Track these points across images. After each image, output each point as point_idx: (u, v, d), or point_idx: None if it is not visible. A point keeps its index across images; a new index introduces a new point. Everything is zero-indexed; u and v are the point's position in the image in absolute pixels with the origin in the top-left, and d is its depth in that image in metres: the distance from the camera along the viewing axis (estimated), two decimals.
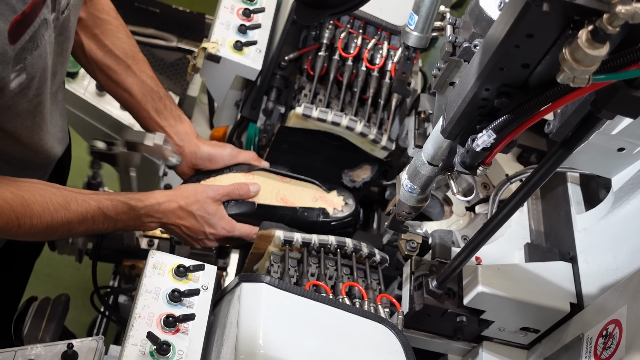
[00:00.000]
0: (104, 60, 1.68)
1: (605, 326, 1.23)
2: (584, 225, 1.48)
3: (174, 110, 1.75)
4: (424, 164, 1.27)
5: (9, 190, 1.33)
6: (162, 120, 1.72)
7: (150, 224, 1.61)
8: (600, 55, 0.79)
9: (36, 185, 1.41)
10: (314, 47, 1.86)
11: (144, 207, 1.57)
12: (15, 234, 1.38)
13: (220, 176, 1.73)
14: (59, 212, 1.41)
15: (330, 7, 1.28)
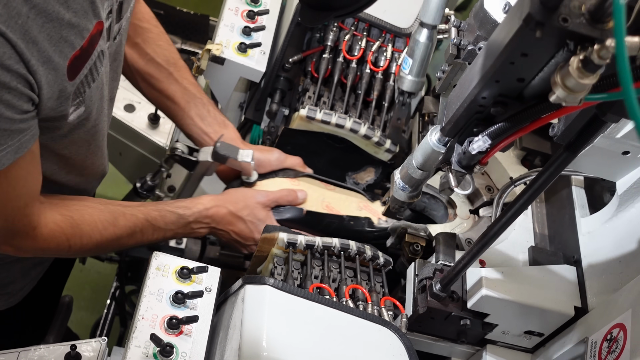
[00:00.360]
0: (146, 69, 1.68)
1: (610, 330, 1.23)
2: (589, 229, 1.47)
3: (218, 116, 1.74)
4: (415, 170, 1.33)
5: (59, 212, 1.35)
6: (206, 127, 1.71)
7: (199, 230, 1.61)
8: (590, 83, 0.81)
9: (84, 203, 1.43)
10: (318, 50, 1.86)
11: (192, 214, 1.57)
12: (66, 254, 1.42)
13: (266, 181, 1.72)
14: (107, 229, 1.43)
15: (335, 9, 1.28)
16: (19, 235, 1.30)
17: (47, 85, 1.11)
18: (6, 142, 1.11)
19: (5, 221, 1.25)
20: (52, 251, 1.39)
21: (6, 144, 1.12)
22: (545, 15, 0.80)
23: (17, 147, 1.14)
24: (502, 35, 0.90)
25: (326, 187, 1.74)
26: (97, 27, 1.17)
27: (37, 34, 1.04)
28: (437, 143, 1.28)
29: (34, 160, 1.23)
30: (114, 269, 2.11)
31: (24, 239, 1.31)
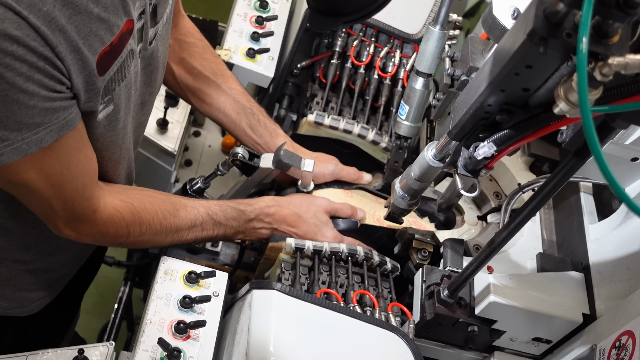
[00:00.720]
0: (195, 84, 1.69)
1: (619, 337, 1.22)
2: (597, 236, 1.47)
3: (268, 124, 1.74)
4: (414, 181, 1.40)
5: (119, 198, 1.35)
6: (257, 137, 1.72)
7: (261, 231, 1.59)
8: (593, 98, 0.81)
9: (145, 193, 1.43)
10: (327, 55, 1.87)
11: (253, 211, 1.56)
12: (124, 242, 1.41)
13: (321, 191, 1.73)
14: (167, 219, 1.43)
15: (343, 15, 1.28)
16: (79, 218, 1.30)
17: (75, 75, 1.11)
18: (50, 120, 1.11)
19: (65, 203, 1.26)
20: (111, 237, 1.38)
21: (50, 122, 1.11)
22: (549, 31, 0.80)
23: (61, 124, 1.13)
24: (508, 45, 0.91)
25: (377, 200, 1.74)
26: (127, 25, 1.19)
27: (65, 23, 1.05)
28: (432, 159, 1.32)
29: (83, 139, 1.22)
30: (122, 273, 2.11)
31: (84, 223, 1.31)
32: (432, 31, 1.40)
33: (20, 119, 1.08)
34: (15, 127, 1.08)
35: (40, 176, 1.18)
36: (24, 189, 1.23)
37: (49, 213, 1.29)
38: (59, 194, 1.24)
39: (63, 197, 1.25)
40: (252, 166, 1.67)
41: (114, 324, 1.93)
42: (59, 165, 1.19)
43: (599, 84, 0.80)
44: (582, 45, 0.71)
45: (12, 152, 1.10)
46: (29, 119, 1.08)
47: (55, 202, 1.25)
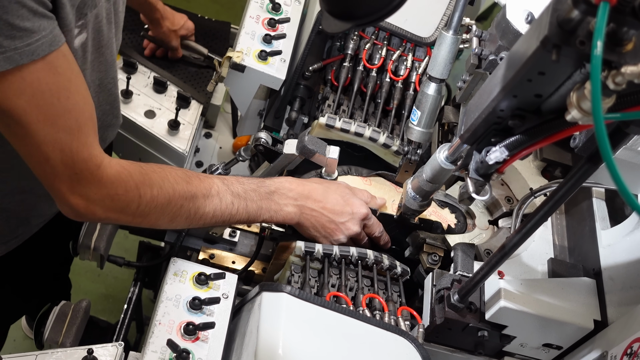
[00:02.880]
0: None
1: (630, 344, 1.22)
2: (609, 242, 1.46)
3: None
4: (425, 182, 1.40)
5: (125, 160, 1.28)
6: None
7: (286, 209, 1.48)
8: (606, 107, 0.80)
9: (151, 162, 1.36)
10: (338, 58, 1.86)
11: (272, 183, 1.47)
12: (137, 209, 1.30)
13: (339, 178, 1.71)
14: (179, 184, 1.32)
15: (356, 18, 1.28)
16: (81, 174, 1.21)
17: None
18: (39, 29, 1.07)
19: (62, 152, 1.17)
20: (122, 200, 1.26)
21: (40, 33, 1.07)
22: (563, 38, 0.80)
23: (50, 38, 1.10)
24: (521, 50, 0.90)
25: (396, 188, 1.73)
26: None
27: None
28: (444, 161, 1.32)
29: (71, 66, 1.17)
30: (131, 274, 2.12)
31: (89, 181, 1.22)
32: (445, 36, 1.40)
33: (12, 21, 1.04)
34: (8, 33, 1.04)
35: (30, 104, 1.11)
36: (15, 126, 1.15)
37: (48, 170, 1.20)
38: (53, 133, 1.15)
39: (59, 141, 1.16)
40: (275, 152, 1.64)
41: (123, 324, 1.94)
42: (49, 93, 1.13)
43: (612, 92, 0.80)
44: (597, 50, 0.71)
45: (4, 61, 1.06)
46: (19, 22, 1.05)
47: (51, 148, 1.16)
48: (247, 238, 1.80)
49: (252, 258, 1.72)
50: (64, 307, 1.84)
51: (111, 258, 2.04)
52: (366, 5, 1.25)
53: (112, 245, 2.03)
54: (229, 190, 1.40)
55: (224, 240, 1.77)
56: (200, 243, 1.78)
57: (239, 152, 1.71)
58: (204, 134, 2.17)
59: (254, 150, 1.67)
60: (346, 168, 1.74)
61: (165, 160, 1.95)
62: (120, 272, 2.94)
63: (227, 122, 2.31)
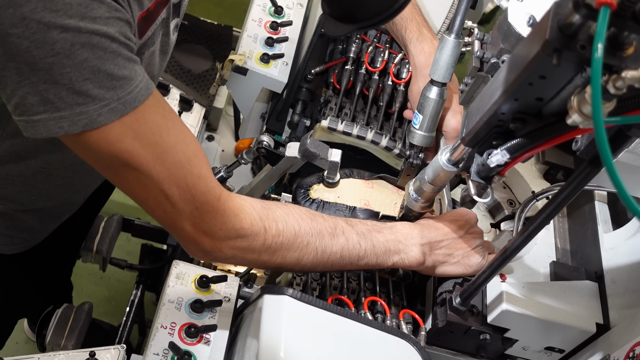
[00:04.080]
0: None
1: (632, 347, 1.21)
2: (611, 245, 1.46)
3: None
4: (427, 184, 1.39)
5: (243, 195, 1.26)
6: None
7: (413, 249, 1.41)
8: (606, 111, 0.80)
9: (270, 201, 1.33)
10: (341, 61, 1.87)
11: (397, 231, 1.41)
12: (263, 243, 1.26)
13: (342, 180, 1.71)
14: (304, 219, 1.29)
15: (358, 21, 1.28)
16: (204, 209, 1.18)
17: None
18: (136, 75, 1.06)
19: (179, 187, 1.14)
20: (248, 234, 1.23)
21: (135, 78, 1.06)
22: (564, 42, 0.80)
23: (146, 82, 1.09)
24: (522, 54, 0.90)
25: (397, 191, 1.73)
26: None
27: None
28: (446, 163, 1.32)
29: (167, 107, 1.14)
30: (134, 276, 2.12)
31: (213, 216, 1.19)
32: (446, 40, 1.40)
33: (111, 71, 1.02)
34: (109, 84, 1.03)
35: (136, 142, 1.08)
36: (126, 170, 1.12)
37: (169, 208, 1.16)
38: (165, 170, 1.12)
39: (173, 177, 1.13)
40: (278, 155, 1.64)
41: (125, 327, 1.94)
42: (150, 132, 1.10)
43: (613, 96, 0.80)
44: (597, 54, 0.71)
45: (110, 112, 1.04)
46: (117, 70, 1.03)
47: (167, 185, 1.13)
48: None
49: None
50: (66, 309, 1.84)
51: (114, 261, 2.05)
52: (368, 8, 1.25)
53: (115, 248, 2.04)
54: (353, 231, 1.36)
55: None
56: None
57: (241, 154, 1.71)
58: (206, 137, 2.18)
59: (256, 153, 1.67)
60: (348, 171, 1.74)
61: None
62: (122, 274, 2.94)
63: (229, 125, 2.31)
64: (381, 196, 1.69)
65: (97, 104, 1.03)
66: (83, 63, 1.00)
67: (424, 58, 1.63)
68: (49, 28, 0.96)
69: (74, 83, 1.00)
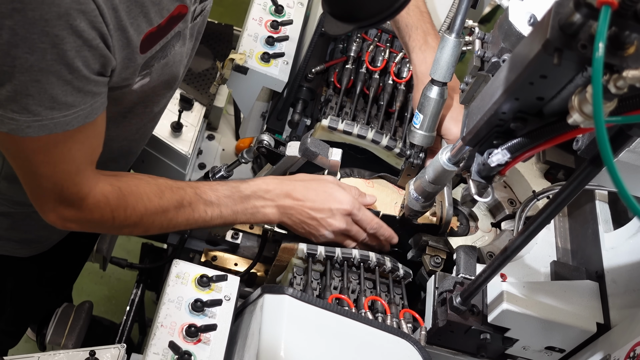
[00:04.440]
0: None
1: (633, 347, 1.21)
2: (612, 244, 1.46)
3: None
4: (428, 184, 1.40)
5: (109, 182, 1.33)
6: None
7: (265, 210, 1.49)
8: (607, 110, 0.80)
9: (134, 176, 1.41)
10: (341, 60, 1.87)
11: (248, 187, 1.48)
12: (110, 227, 1.38)
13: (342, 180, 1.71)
14: (152, 201, 1.37)
15: (359, 20, 1.28)
16: (65, 203, 1.29)
17: (118, 52, 1.15)
18: (79, 104, 1.13)
19: (55, 185, 1.25)
20: (95, 222, 1.36)
21: (79, 107, 1.13)
22: (564, 42, 0.80)
23: (88, 111, 1.16)
24: (523, 53, 0.90)
25: (398, 191, 1.73)
26: (178, 9, 1.22)
27: (117, 3, 1.09)
28: (447, 162, 1.32)
29: (96, 128, 1.23)
30: (134, 275, 2.12)
31: (70, 207, 1.30)
32: (447, 39, 1.40)
33: (55, 95, 1.09)
34: (49, 105, 1.10)
35: (41, 152, 1.18)
36: (20, 160, 1.22)
37: (38, 192, 1.29)
38: (52, 173, 1.23)
39: (53, 178, 1.24)
40: (278, 154, 1.64)
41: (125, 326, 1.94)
42: (61, 146, 1.19)
43: (613, 96, 0.80)
44: (598, 53, 0.71)
45: (39, 129, 1.12)
46: (62, 97, 1.10)
47: (46, 182, 1.24)
48: (249, 240, 1.80)
49: (255, 260, 1.72)
50: (66, 308, 1.84)
51: (114, 260, 2.05)
52: (369, 7, 1.25)
53: (115, 247, 2.04)
54: (201, 200, 1.43)
55: (226, 242, 1.77)
56: (203, 245, 1.78)
57: (241, 154, 1.71)
58: (206, 136, 2.17)
59: (256, 152, 1.67)
60: (348, 170, 1.74)
61: (168, 162, 1.95)
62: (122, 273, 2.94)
63: (229, 124, 2.31)
64: (381, 196, 1.69)
65: (30, 117, 1.10)
66: (32, 82, 1.07)
67: (425, 68, 1.62)
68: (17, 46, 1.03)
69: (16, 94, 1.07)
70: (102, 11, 1.07)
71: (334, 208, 1.52)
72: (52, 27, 1.02)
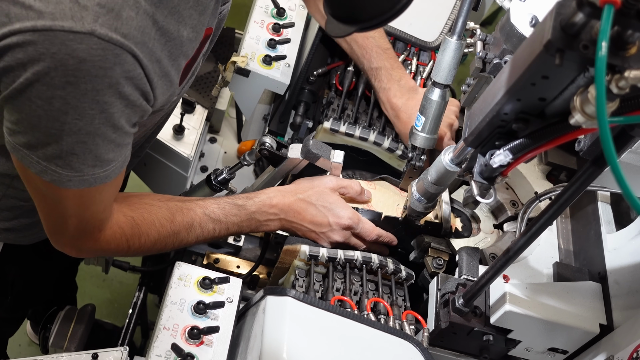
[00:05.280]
0: None
1: (636, 348, 1.21)
2: (615, 245, 1.45)
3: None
4: (430, 184, 1.41)
5: (122, 212, 1.37)
6: None
7: (268, 223, 1.56)
8: (609, 110, 0.80)
9: (145, 200, 1.44)
10: (343, 63, 1.87)
11: (254, 204, 1.53)
12: (125, 253, 1.43)
13: None
14: (164, 226, 1.42)
15: (360, 21, 1.28)
16: (85, 236, 1.32)
17: (161, 95, 1.18)
18: (117, 158, 1.17)
19: (80, 222, 1.28)
20: (111, 252, 1.40)
21: (117, 160, 1.17)
22: (566, 42, 0.80)
23: (122, 162, 1.20)
24: (525, 54, 0.90)
25: (400, 193, 1.73)
26: (206, 32, 1.25)
27: (159, 52, 1.12)
28: (449, 163, 1.32)
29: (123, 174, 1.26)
30: (137, 278, 2.12)
31: (88, 240, 1.33)
32: (449, 41, 1.40)
33: (99, 154, 1.13)
34: (92, 163, 1.14)
35: (76, 199, 1.21)
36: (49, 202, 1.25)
37: (58, 228, 1.31)
38: (81, 214, 1.26)
39: (80, 218, 1.27)
40: (280, 156, 1.64)
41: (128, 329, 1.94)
42: (97, 194, 1.22)
43: (615, 96, 0.80)
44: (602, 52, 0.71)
45: (80, 183, 1.15)
46: (105, 155, 1.14)
47: (72, 221, 1.27)
48: (251, 242, 1.80)
49: (257, 262, 1.72)
50: (68, 312, 1.84)
51: (116, 263, 2.05)
52: (370, 9, 1.25)
53: None
54: (209, 219, 1.48)
55: (228, 244, 1.77)
56: (205, 247, 1.78)
57: (243, 156, 1.71)
58: (208, 139, 2.17)
59: (258, 155, 1.67)
60: (350, 172, 1.74)
61: (170, 165, 1.95)
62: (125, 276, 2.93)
63: (231, 127, 2.31)
64: (383, 197, 1.69)
65: (73, 172, 1.13)
66: (78, 144, 1.10)
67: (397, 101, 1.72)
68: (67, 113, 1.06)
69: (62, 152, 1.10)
70: (147, 72, 1.10)
71: (333, 222, 1.56)
72: (102, 95, 1.06)
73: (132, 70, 1.07)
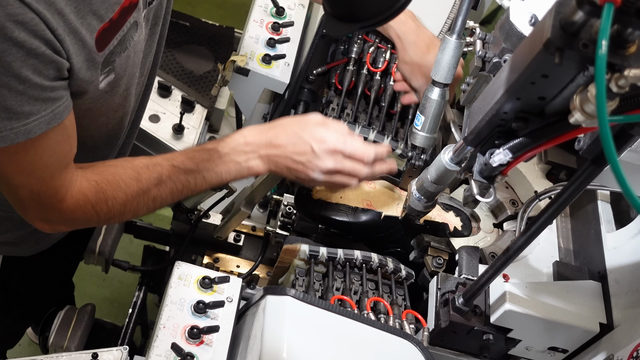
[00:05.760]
0: None
1: (636, 347, 1.21)
2: (615, 244, 1.45)
3: None
4: (430, 184, 1.41)
5: (85, 178, 1.32)
6: None
7: (249, 163, 1.43)
8: (609, 109, 0.80)
9: (108, 164, 1.38)
10: (342, 62, 1.86)
11: (226, 145, 1.42)
12: (96, 221, 1.37)
13: None
14: (130, 186, 1.35)
15: (360, 21, 1.28)
16: (46, 208, 1.28)
17: (75, 55, 1.13)
18: (38, 111, 1.12)
19: (31, 193, 1.25)
20: (81, 221, 1.35)
21: (38, 114, 1.12)
22: (566, 41, 0.80)
23: (50, 117, 1.14)
24: (524, 53, 0.90)
25: (401, 193, 1.73)
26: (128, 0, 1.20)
27: (63, 6, 1.07)
28: (449, 162, 1.32)
29: (65, 132, 1.22)
30: (136, 278, 2.12)
31: (52, 211, 1.30)
32: (448, 40, 1.40)
33: (10, 106, 1.09)
34: (5, 116, 1.09)
35: (11, 162, 1.18)
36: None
37: (18, 202, 1.29)
38: (26, 182, 1.23)
39: (29, 187, 1.24)
40: None
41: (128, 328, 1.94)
42: (32, 154, 1.18)
43: (615, 95, 0.80)
44: (602, 50, 0.71)
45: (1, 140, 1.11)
46: (18, 107, 1.09)
47: (22, 191, 1.25)
48: (251, 242, 1.80)
49: (257, 262, 1.72)
50: (68, 311, 1.84)
51: (116, 262, 2.05)
52: (370, 8, 1.25)
53: (117, 249, 2.04)
54: (179, 170, 1.39)
55: (228, 244, 1.77)
56: (205, 247, 1.79)
57: None
58: (208, 138, 2.17)
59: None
60: None
61: None
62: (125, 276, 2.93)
63: (231, 126, 2.31)
64: (383, 196, 1.69)
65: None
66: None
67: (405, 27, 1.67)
68: None
69: None
70: (44, 18, 1.05)
71: (317, 148, 1.43)
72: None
73: (21, 14, 1.02)
